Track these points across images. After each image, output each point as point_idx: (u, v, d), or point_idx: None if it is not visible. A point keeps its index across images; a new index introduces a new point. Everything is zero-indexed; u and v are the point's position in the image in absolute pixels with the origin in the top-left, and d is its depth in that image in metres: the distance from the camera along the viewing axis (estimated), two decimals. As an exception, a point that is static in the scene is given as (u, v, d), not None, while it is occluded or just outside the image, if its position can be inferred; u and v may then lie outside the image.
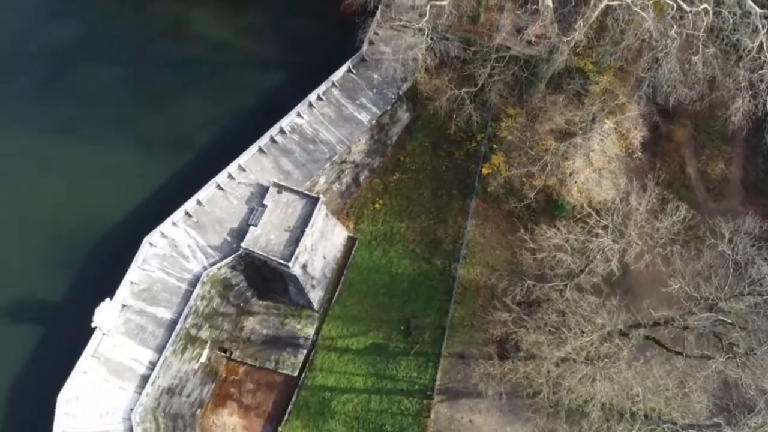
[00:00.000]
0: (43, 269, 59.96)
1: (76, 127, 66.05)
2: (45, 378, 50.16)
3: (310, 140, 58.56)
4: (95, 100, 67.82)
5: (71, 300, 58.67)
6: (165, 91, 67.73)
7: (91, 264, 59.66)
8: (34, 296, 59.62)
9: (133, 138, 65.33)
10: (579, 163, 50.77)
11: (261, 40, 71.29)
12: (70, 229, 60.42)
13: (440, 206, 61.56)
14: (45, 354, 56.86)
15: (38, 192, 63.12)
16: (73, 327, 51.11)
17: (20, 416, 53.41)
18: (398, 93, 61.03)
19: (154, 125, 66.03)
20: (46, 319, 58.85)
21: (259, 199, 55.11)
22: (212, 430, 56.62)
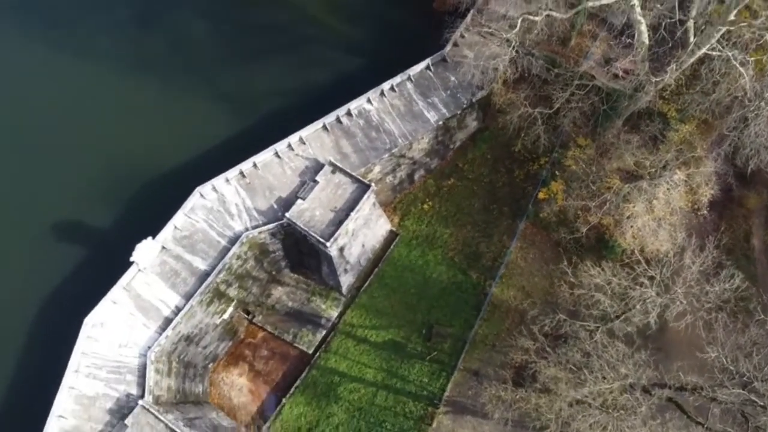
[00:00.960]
0: (96, 195, 62.56)
1: (157, 68, 68.48)
2: (77, 300, 52.09)
3: (374, 128, 58.65)
4: (181, 47, 70.08)
5: (116, 230, 61.09)
6: (247, 52, 69.15)
7: (142, 201, 61.78)
8: (83, 219, 62.43)
9: (206, 90, 67.31)
10: (640, 208, 49.04)
11: (350, 20, 71.74)
12: (128, 163, 62.69)
13: (488, 221, 60.72)
14: (82, 277, 59.23)
15: (107, 123, 65.70)
16: (112, 257, 52.89)
17: (49, 333, 55.61)
18: (471, 99, 60.38)
19: (229, 82, 67.75)
20: (89, 245, 61.43)
21: (312, 174, 55.62)
22: (220, 385, 57.79)
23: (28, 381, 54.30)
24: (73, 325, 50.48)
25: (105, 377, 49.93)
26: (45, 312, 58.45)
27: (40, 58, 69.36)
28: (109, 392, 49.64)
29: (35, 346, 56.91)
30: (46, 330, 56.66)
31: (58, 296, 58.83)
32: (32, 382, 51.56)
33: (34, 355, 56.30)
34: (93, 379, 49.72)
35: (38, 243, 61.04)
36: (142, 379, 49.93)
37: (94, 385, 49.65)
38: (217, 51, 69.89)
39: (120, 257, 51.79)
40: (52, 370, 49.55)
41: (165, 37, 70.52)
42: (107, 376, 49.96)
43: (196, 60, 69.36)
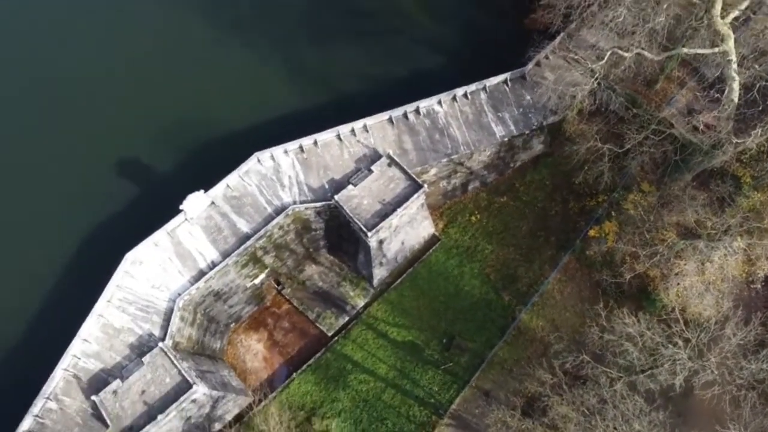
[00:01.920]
0: (162, 141, 64.88)
1: (245, 31, 70.56)
2: (124, 236, 54.04)
3: (439, 130, 58.53)
4: (273, 15, 71.66)
5: (172, 177, 63.25)
6: (333, 31, 70.20)
7: (202, 154, 63.66)
8: (145, 161, 65.04)
9: (286, 60, 68.76)
10: (691, 267, 47.36)
11: (438, 19, 71.72)
12: (196, 117, 64.80)
13: (533, 247, 59.83)
14: (132, 216, 61.42)
15: (185, 74, 68.19)
16: (163, 201, 54.40)
17: (93, 263, 57.12)
18: (542, 122, 59.51)
19: (309, 57, 68.96)
20: (146, 186, 63.89)
21: (369, 163, 55.99)
22: (237, 346, 59.10)
23: (63, 303, 56.57)
24: (115, 260, 52.46)
25: (133, 313, 51.79)
26: (93, 243, 60.94)
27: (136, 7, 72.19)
28: (133, 328, 51.47)
29: (78, 273, 59.40)
30: (91, 260, 58.81)
31: (108, 230, 61.21)
32: (67, 305, 53.58)
33: (74, 281, 58.66)
34: (122, 312, 51.66)
35: (102, 176, 63.92)
36: (167, 323, 51.56)
37: (122, 318, 51.57)
38: (305, 25, 71.17)
39: (171, 204, 53.40)
40: (89, 297, 51.57)
41: (261, 2, 71.93)
42: (135, 313, 51.81)
43: (283, 30, 70.77)
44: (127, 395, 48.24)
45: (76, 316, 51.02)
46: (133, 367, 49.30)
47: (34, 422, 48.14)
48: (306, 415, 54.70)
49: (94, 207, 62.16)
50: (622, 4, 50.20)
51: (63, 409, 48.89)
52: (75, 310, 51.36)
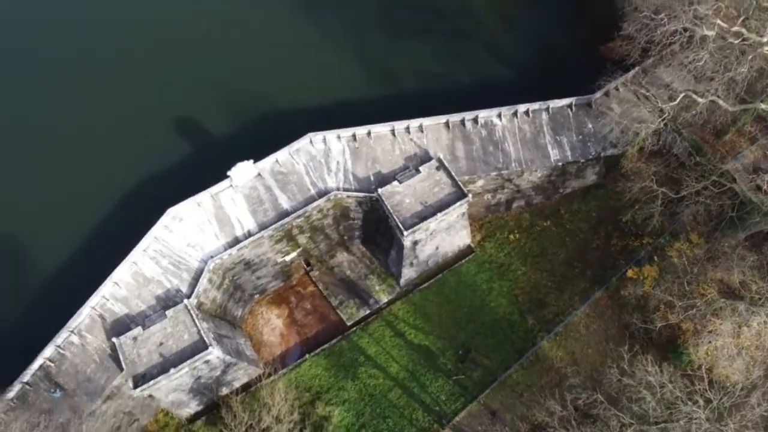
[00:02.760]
0: (221, 108, 66.44)
1: (314, 13, 71.52)
2: (168, 192, 55.72)
3: (494, 143, 57.99)
4: (344, 3, 72.55)
5: (224, 143, 64.60)
6: (405, 26, 70.29)
7: (257, 126, 64.69)
8: (201, 124, 66.53)
9: (350, 49, 69.31)
10: (727, 328, 45.78)
11: (513, 32, 71.16)
12: (258, 90, 66.15)
13: (567, 276, 58.79)
14: (181, 173, 62.92)
15: (249, 50, 69.53)
16: (212, 165, 55.52)
17: (135, 212, 58.84)
18: (600, 153, 58.32)
19: (377, 48, 69.25)
20: (195, 147, 65.45)
21: (418, 163, 55.93)
22: (257, 317, 60.08)
23: (103, 246, 58.04)
24: (157, 214, 53.92)
25: (165, 266, 53.18)
26: (141, 195, 62.46)
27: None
28: (163, 281, 52.86)
29: (122, 220, 60.77)
30: (135, 210, 59.70)
31: (156, 184, 62.66)
32: (107, 249, 55.05)
33: (117, 227, 60.06)
34: (154, 264, 53.11)
35: (160, 133, 65.83)
36: (195, 282, 52.78)
37: (154, 269, 53.02)
38: (378, 16, 71.43)
39: (219, 168, 54.44)
40: (128, 245, 53.10)
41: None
42: (167, 266, 53.19)
43: (354, 17, 71.32)
44: (146, 344, 49.63)
45: (112, 259, 52.68)
46: (155, 318, 50.68)
47: (55, 351, 50.03)
48: (311, 397, 55.25)
49: (148, 160, 63.89)
50: (706, 48, 48.70)
51: (84, 345, 50.67)
52: (113, 254, 52.98)
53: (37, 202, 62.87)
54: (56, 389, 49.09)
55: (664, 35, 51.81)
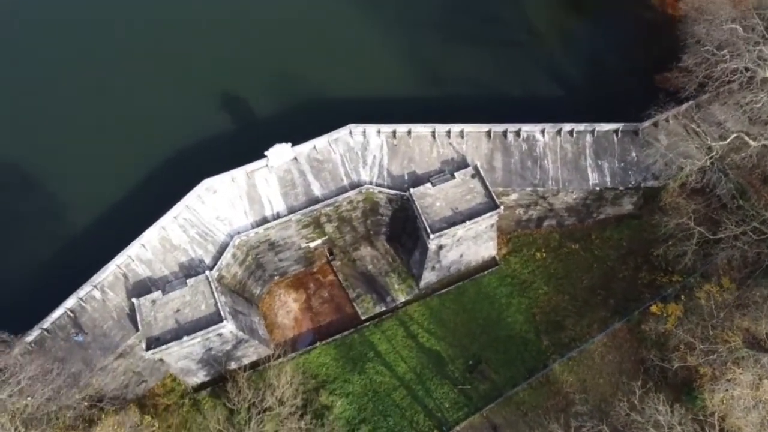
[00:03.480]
0: (262, 88, 67.32)
1: (372, 6, 71.58)
2: (205, 164, 56.64)
3: (533, 159, 57.29)
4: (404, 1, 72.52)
5: (264, 123, 65.41)
6: (459, 32, 69.97)
7: (297, 110, 65.21)
8: (248, 102, 67.40)
9: (403, 46, 69.54)
10: (746, 378, 44.51)
11: (567, 47, 70.46)
12: (304, 75, 66.70)
13: (588, 302, 57.86)
14: (217, 146, 63.90)
15: (304, 36, 70.11)
16: (251, 143, 56.37)
17: (171, 180, 59.74)
18: (640, 183, 57.16)
19: (426, 49, 69.36)
20: (236, 124, 66.49)
21: (453, 168, 55.63)
22: (274, 298, 60.69)
23: (136, 208, 59.06)
24: (193, 183, 54.75)
25: (192, 236, 54.04)
26: (179, 163, 63.53)
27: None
28: (188, 249, 53.73)
29: (158, 185, 61.80)
30: (172, 177, 60.45)
31: (195, 155, 63.59)
32: (140, 211, 56.09)
33: (153, 192, 60.92)
34: (182, 232, 54.00)
35: (205, 106, 67.06)
36: (219, 255, 53.54)
37: (181, 237, 53.91)
38: (435, 18, 71.34)
39: (257, 147, 55.01)
40: (160, 210, 54.07)
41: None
42: (194, 236, 54.04)
43: (412, 17, 71.48)
44: (163, 309, 50.55)
45: (143, 222, 53.68)
46: (176, 284, 51.57)
47: (77, 303, 51.32)
48: (316, 385, 55.57)
49: (191, 130, 65.12)
50: (765, 91, 47.27)
51: (104, 301, 51.86)
52: (145, 216, 53.98)
53: (85, 158, 64.62)
54: (79, 333, 50.44)
55: (724, 72, 50.48)
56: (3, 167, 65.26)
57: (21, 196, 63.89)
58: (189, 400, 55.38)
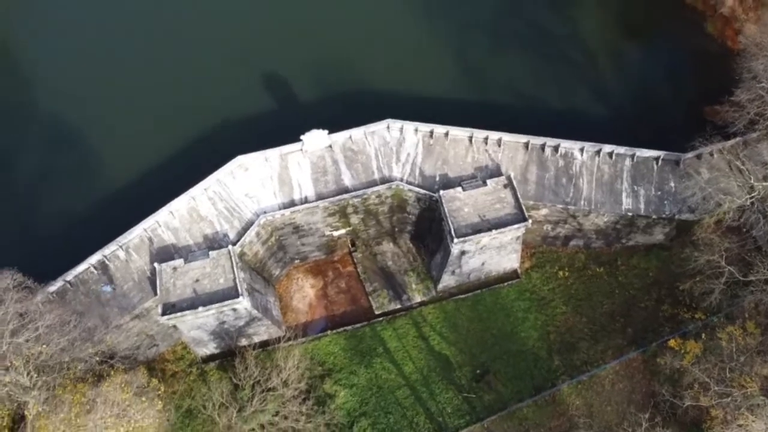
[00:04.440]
0: (304, 73, 67.79)
1: (428, 6, 71.55)
2: (241, 141, 57.48)
3: (568, 176, 56.51)
4: (458, 3, 72.36)
5: (303, 108, 65.96)
6: (509, 38, 69.78)
7: (336, 99, 65.47)
8: (284, 87, 68.07)
9: (450, 48, 69.29)
10: (759, 427, 43.37)
11: (618, 67, 69.51)
12: (347, 66, 67.02)
13: (606, 328, 56.96)
14: (254, 125, 64.44)
15: (356, 28, 70.54)
16: (288, 125, 56.76)
17: (207, 153, 60.35)
18: (674, 214, 55.95)
19: (473, 52, 68.83)
20: (276, 106, 67.05)
21: (486, 175, 55.24)
22: (292, 282, 61.16)
23: (170, 176, 59.95)
24: (227, 158, 55.36)
25: (219, 209, 54.71)
26: (215, 137, 64.16)
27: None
28: (214, 222, 54.42)
29: (194, 156, 62.54)
30: (208, 151, 61.14)
31: (232, 131, 64.32)
32: (173, 179, 56.91)
33: (188, 161, 61.84)
34: (211, 205, 54.70)
35: (248, 85, 67.82)
36: (243, 232, 54.12)
37: (209, 209, 54.63)
38: (486, 21, 70.94)
39: (294, 130, 55.29)
40: (192, 180, 54.76)
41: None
42: (221, 210, 54.70)
43: (462, 18, 70.96)
44: (183, 277, 51.33)
45: (175, 190, 54.44)
46: (198, 255, 52.32)
47: (101, 260, 52.44)
48: (322, 372, 55.82)
49: (230, 106, 65.81)
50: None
51: (128, 262, 52.88)
52: (178, 185, 54.72)
53: (130, 121, 66.20)
54: (108, 284, 51.53)
55: (778, 111, 48.98)
56: (53, 119, 67.40)
57: (64, 149, 65.89)
58: (196, 370, 56.22)
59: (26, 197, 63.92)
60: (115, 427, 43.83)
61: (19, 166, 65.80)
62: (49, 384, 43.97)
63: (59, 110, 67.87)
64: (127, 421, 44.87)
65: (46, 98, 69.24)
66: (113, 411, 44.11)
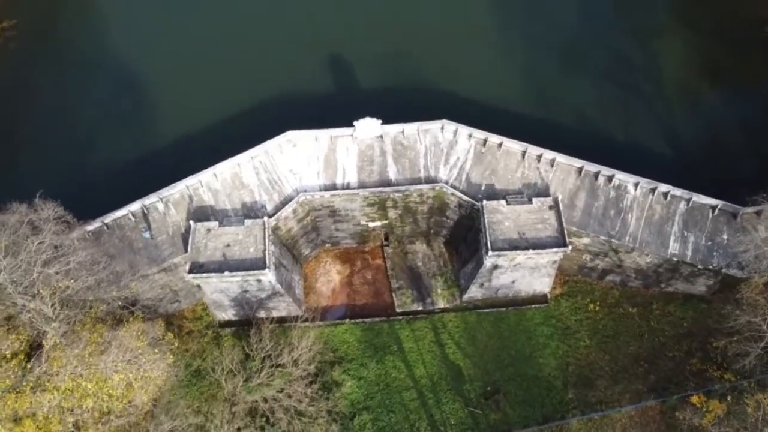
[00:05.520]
0: (371, 63, 67.86)
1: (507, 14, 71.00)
2: (295, 116, 57.70)
3: (617, 209, 54.64)
4: (542, 20, 71.62)
5: (359, 95, 66.19)
6: (582, 60, 68.56)
7: (395, 91, 65.39)
8: (348, 72, 68.13)
9: (522, 58, 68.67)
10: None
11: (691, 108, 67.30)
12: (412, 61, 66.88)
13: (627, 370, 55.02)
14: (311, 104, 64.65)
15: (430, 23, 70.37)
16: (342, 109, 57.10)
17: (258, 124, 60.79)
18: (722, 268, 53.51)
19: (542, 68, 67.93)
20: (336, 89, 67.46)
21: (533, 193, 53.96)
22: (320, 264, 61.32)
23: (223, 138, 60.56)
24: (279, 131, 55.37)
25: (262, 180, 54.98)
26: (272, 110, 64.81)
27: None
28: (255, 191, 54.72)
29: (248, 124, 63.39)
30: (263, 121, 61.78)
31: (290, 106, 64.52)
32: (225, 143, 57.26)
33: (239, 128, 62.58)
34: (254, 174, 55.01)
35: (311, 62, 68.36)
36: (281, 207, 54.30)
37: (252, 178, 54.96)
38: (565, 39, 69.65)
39: (348, 115, 55.02)
40: (242, 147, 55.00)
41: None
42: (263, 181, 54.96)
43: (542, 31, 70.10)
44: (215, 240, 51.82)
45: (222, 154, 54.83)
46: (234, 221, 52.74)
47: (141, 209, 53.38)
48: (333, 359, 55.66)
49: (291, 82, 66.49)
50: None
51: (165, 215, 53.70)
52: (226, 149, 55.06)
53: (193, 78, 68.11)
54: (148, 230, 52.49)
55: None
56: (121, 67, 69.78)
57: (126, 97, 68.02)
58: (212, 333, 56.84)
59: (82, 138, 66.07)
60: (124, 372, 44.52)
61: (82, 107, 68.03)
62: (70, 319, 44.94)
63: (128, 60, 70.11)
64: (137, 368, 45.56)
65: (119, 47, 71.46)
66: (125, 356, 44.83)
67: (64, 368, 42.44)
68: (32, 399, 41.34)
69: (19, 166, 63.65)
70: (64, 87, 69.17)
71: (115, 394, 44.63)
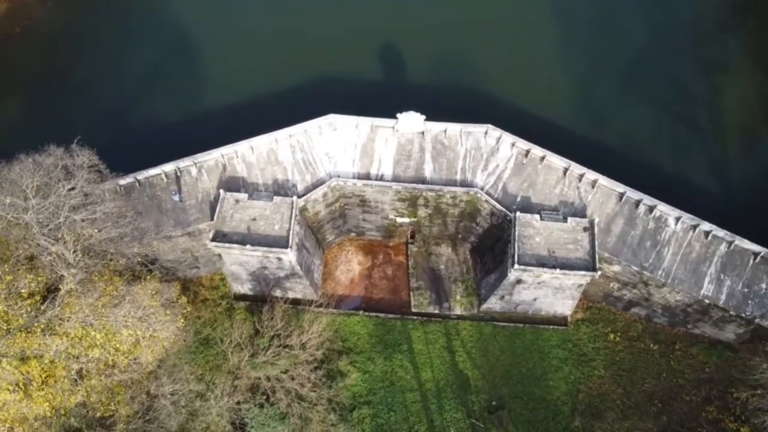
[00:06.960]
0: (416, 55, 67.20)
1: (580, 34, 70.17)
2: (338, 100, 56.86)
3: (654, 241, 52.72)
4: (616, 37, 70.37)
5: (407, 88, 65.46)
6: (643, 86, 66.56)
7: (444, 88, 64.75)
8: (405, 63, 67.62)
9: (580, 74, 67.21)
10: None
11: (746, 149, 65.13)
12: (466, 60, 66.14)
13: (639, 407, 53.24)
14: (356, 91, 64.01)
15: (479, 31, 69.10)
16: (388, 99, 56.46)
17: (302, 102, 60.75)
18: (755, 318, 51.27)
19: (600, 87, 66.34)
20: (383, 77, 67.10)
21: (569, 212, 52.41)
22: (342, 252, 60.85)
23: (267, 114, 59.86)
24: (323, 113, 54.80)
25: (297, 159, 54.51)
26: (322, 90, 64.49)
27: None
28: (288, 170, 54.28)
29: (290, 101, 63.25)
30: (312, 99, 61.20)
31: (336, 89, 64.26)
32: (268, 118, 56.32)
33: (282, 104, 62.48)
34: (290, 152, 54.56)
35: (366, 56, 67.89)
36: (312, 188, 53.79)
37: (287, 156, 54.55)
38: (626, 61, 68.16)
39: (393, 106, 54.01)
40: (283, 123, 54.52)
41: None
42: (298, 161, 54.50)
43: (604, 48, 68.46)
44: (242, 212, 51.60)
45: (261, 128, 54.45)
46: (263, 195, 52.45)
47: (174, 170, 53.39)
48: (342, 348, 55.07)
49: (341, 66, 65.88)
50: None
51: (197, 180, 53.68)
52: (266, 123, 54.66)
53: (240, 50, 68.33)
54: (178, 193, 52.58)
55: None
56: (177, 27, 70.59)
57: (177, 58, 68.60)
58: (226, 304, 56.77)
59: (129, 92, 66.84)
60: (133, 328, 44.60)
61: (135, 61, 68.73)
62: (89, 268, 45.15)
63: (188, 22, 70.65)
64: (146, 326, 45.61)
65: (182, 6, 72.17)
66: (137, 313, 44.88)
67: (76, 315, 42.65)
68: (41, 341, 41.63)
69: (64, 109, 64.64)
70: (120, 38, 70.19)
71: (122, 348, 44.78)
